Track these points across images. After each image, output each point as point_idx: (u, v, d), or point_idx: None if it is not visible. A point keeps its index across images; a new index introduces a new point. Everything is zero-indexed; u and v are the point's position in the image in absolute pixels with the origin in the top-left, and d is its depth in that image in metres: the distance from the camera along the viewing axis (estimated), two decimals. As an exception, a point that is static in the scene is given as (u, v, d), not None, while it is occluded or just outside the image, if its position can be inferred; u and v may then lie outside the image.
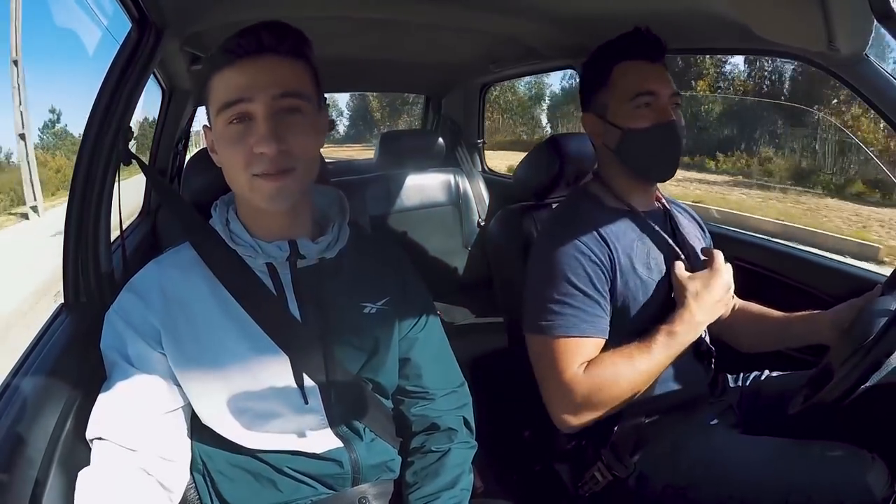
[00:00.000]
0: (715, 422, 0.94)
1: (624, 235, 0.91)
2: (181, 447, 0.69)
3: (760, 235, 1.37)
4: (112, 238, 0.94)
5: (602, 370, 0.83)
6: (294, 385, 0.70)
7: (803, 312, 0.97)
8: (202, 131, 0.74)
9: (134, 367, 0.67)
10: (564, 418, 0.85)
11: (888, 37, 0.55)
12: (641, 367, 0.83)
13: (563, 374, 0.83)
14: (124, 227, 0.98)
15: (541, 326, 0.86)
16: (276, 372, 0.70)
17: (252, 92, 0.63)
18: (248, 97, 0.63)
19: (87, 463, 0.63)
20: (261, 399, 0.70)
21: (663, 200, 1.01)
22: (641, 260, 0.90)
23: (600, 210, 0.94)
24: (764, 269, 1.25)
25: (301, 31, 0.67)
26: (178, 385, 0.69)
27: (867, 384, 0.67)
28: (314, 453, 0.72)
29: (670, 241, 0.93)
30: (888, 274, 0.90)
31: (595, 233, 0.89)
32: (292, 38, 0.65)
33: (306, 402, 0.71)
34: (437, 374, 0.81)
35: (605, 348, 0.89)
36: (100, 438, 0.63)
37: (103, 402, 0.65)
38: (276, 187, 0.65)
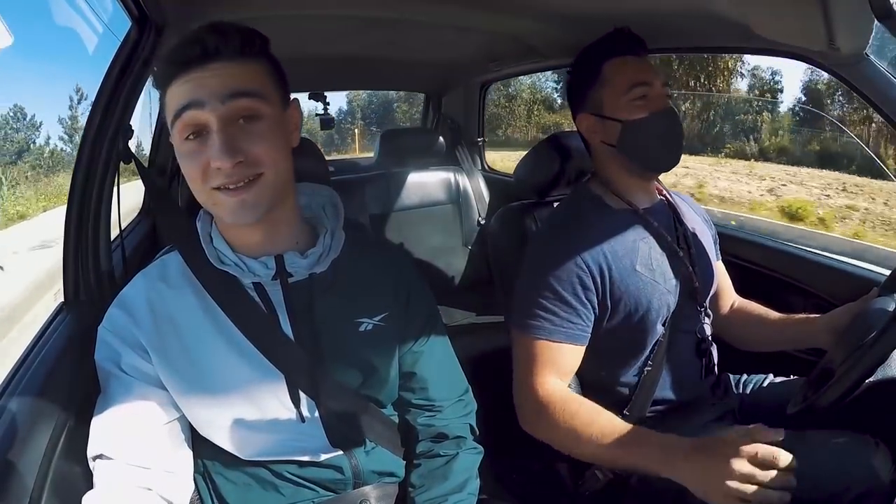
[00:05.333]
0: (715, 423, 0.94)
1: (624, 237, 0.90)
2: (183, 458, 0.68)
3: (759, 234, 1.37)
4: (112, 236, 0.94)
5: (566, 401, 0.82)
6: (290, 403, 0.69)
7: (799, 315, 0.97)
8: None
9: (130, 377, 0.65)
10: (522, 418, 0.87)
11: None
12: (595, 430, 0.78)
13: (527, 374, 0.86)
14: (123, 225, 0.97)
15: (518, 325, 0.88)
16: (272, 390, 0.68)
17: (200, 96, 0.59)
18: (195, 101, 0.59)
19: (87, 462, 0.62)
20: (256, 416, 0.68)
21: (665, 193, 1.00)
22: (643, 261, 0.90)
23: (601, 211, 0.93)
24: (763, 267, 1.25)
25: (250, 29, 0.62)
26: None
27: (866, 384, 0.68)
28: (314, 461, 0.71)
29: (669, 237, 0.93)
30: (887, 274, 0.90)
31: (592, 238, 0.89)
32: (238, 39, 0.61)
33: (303, 420, 0.69)
34: (442, 385, 0.79)
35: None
36: (101, 457, 0.62)
37: (102, 418, 0.63)
38: (239, 201, 0.61)
